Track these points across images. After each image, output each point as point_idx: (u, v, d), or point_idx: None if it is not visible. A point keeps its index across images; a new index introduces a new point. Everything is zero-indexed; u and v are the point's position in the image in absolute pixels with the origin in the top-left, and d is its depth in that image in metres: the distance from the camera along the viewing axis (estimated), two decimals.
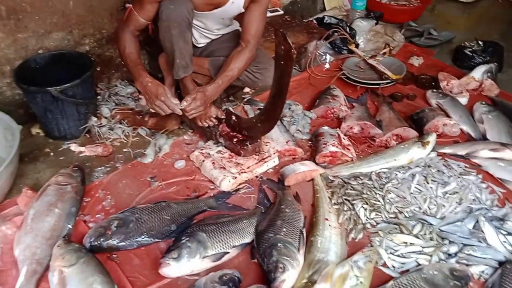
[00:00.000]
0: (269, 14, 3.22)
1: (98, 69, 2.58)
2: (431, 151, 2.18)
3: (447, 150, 2.23)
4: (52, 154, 2.23)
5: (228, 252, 1.66)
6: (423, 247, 1.69)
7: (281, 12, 3.30)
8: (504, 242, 1.70)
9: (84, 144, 2.26)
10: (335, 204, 1.91)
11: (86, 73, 2.18)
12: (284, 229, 1.69)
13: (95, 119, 2.32)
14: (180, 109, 2.04)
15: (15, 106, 2.35)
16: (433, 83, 2.80)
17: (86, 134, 2.32)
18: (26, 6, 2.20)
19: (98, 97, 2.50)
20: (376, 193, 1.92)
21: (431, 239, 1.73)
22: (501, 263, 1.64)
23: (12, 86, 2.29)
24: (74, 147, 2.24)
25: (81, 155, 2.21)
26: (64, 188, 1.85)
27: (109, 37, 2.57)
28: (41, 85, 2.08)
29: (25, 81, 2.10)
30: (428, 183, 1.97)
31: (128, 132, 2.32)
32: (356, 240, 1.77)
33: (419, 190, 1.95)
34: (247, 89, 2.70)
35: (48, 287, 1.52)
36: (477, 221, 1.77)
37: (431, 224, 1.79)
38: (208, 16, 2.14)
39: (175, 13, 1.92)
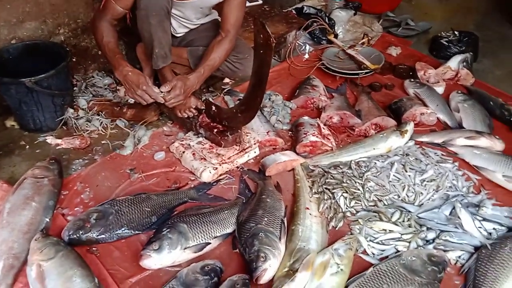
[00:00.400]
0: (248, 4, 3.18)
1: (74, 59, 2.52)
2: (409, 139, 2.21)
3: (424, 138, 2.27)
4: (27, 147, 2.17)
5: (209, 243, 1.65)
6: (401, 234, 1.73)
7: (260, 2, 3.28)
8: (480, 227, 1.74)
9: (61, 136, 2.21)
10: (315, 193, 1.92)
11: (61, 63, 2.12)
12: (265, 219, 1.69)
13: (71, 110, 2.27)
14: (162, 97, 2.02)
15: None
16: (411, 73, 2.84)
17: (63, 126, 2.27)
18: None
19: (75, 88, 2.44)
20: (355, 182, 1.94)
21: (410, 226, 1.77)
22: (476, 248, 1.69)
23: None
24: (50, 139, 2.19)
25: (58, 147, 2.16)
26: (41, 181, 1.82)
27: (85, 27, 2.51)
28: (15, 76, 2.02)
29: None
30: (406, 171, 2.00)
31: (106, 124, 2.28)
32: (337, 229, 1.79)
33: (398, 178, 1.98)
34: (227, 80, 2.68)
35: (26, 281, 1.49)
36: (454, 208, 1.81)
37: (409, 212, 1.83)
38: (187, 5, 2.11)
39: (153, 1, 1.88)
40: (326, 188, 1.93)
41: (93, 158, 2.12)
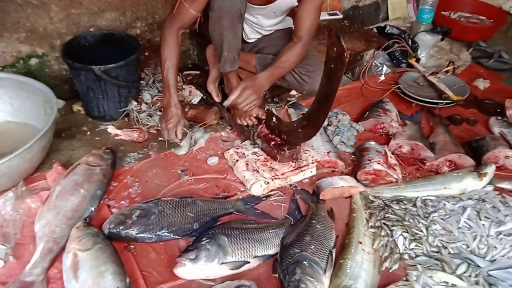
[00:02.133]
0: (327, 17, 3.09)
1: (146, 54, 2.55)
2: (488, 184, 1.96)
3: (506, 185, 2.00)
4: (88, 133, 2.21)
5: (248, 262, 1.55)
6: None
7: (341, 16, 3.15)
8: None
9: (121, 127, 2.23)
10: (372, 227, 1.75)
11: (132, 56, 2.14)
12: (312, 247, 1.56)
13: (135, 103, 2.29)
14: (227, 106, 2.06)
15: (61, 81, 2.37)
16: (498, 110, 2.55)
17: (125, 118, 2.29)
18: None
19: (142, 82, 2.46)
20: (419, 222, 1.75)
21: (477, 283, 1.53)
22: None
23: (60, 61, 2.30)
24: (111, 129, 2.20)
25: (116, 138, 2.18)
26: (93, 169, 1.83)
27: (161, 23, 2.52)
28: (88, 62, 2.06)
29: (73, 57, 2.08)
30: (480, 219, 1.76)
31: None
32: (390, 271, 1.60)
33: (469, 225, 1.75)
34: (293, 92, 2.58)
35: (61, 268, 1.48)
36: None
37: (478, 266, 1.60)
38: (261, 10, 2.05)
39: (227, 3, 1.83)
40: (384, 224, 1.74)
41: (147, 153, 2.10)
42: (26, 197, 1.73)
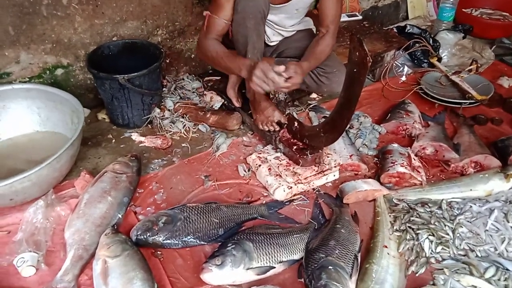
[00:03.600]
0: (346, 19, 3.08)
1: (168, 61, 2.59)
2: None
3: None
4: (114, 141, 2.25)
5: (274, 267, 1.55)
6: None
7: (360, 17, 3.13)
8: None
9: (145, 134, 2.27)
10: (397, 230, 1.74)
11: (155, 63, 2.17)
12: (337, 251, 1.55)
13: (158, 110, 2.32)
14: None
15: (86, 90, 2.42)
16: None
17: (148, 125, 2.33)
18: None
19: (164, 89, 2.50)
20: (445, 225, 1.73)
21: (506, 287, 1.51)
22: None
23: (84, 70, 2.35)
24: (135, 136, 2.25)
25: (140, 145, 2.21)
26: (120, 177, 1.86)
27: (182, 30, 2.57)
28: (112, 71, 2.10)
29: (97, 67, 2.13)
30: (508, 221, 1.73)
31: (188, 127, 2.30)
32: (417, 275, 1.59)
33: (497, 228, 1.72)
34: (314, 95, 2.58)
35: (91, 274, 1.51)
36: None
37: (507, 269, 1.57)
38: (283, 9, 2.05)
39: (251, 4, 1.85)
40: (409, 227, 1.73)
41: (171, 159, 2.13)
42: (56, 205, 1.77)
